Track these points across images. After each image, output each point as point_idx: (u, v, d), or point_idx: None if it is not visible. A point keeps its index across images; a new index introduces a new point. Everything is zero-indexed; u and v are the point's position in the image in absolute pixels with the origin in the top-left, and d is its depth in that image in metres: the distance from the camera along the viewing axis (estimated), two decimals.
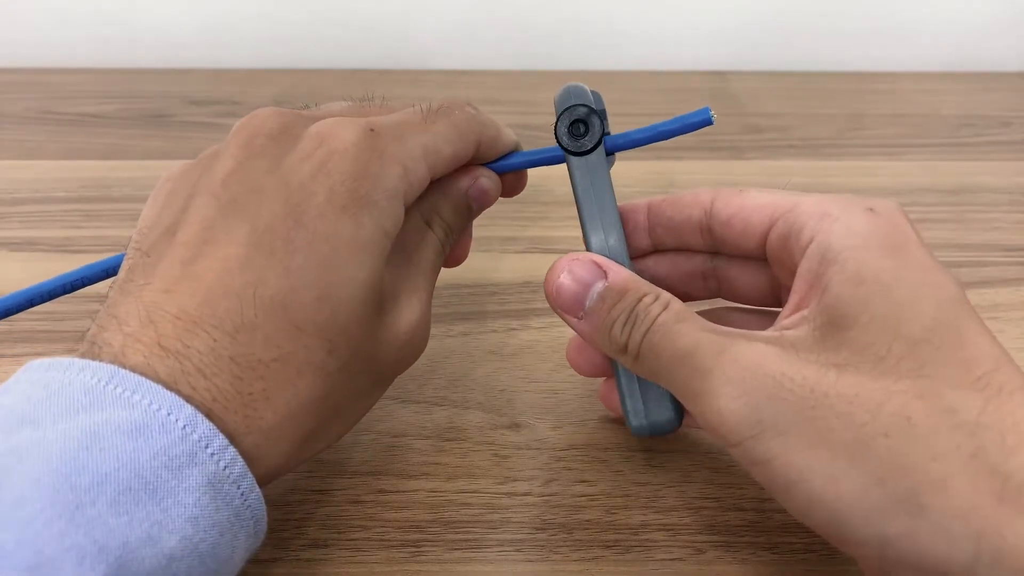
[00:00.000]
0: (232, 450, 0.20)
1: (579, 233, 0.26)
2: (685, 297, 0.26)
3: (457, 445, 0.30)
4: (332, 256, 0.22)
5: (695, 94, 0.58)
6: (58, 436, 0.18)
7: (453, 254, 0.29)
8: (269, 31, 0.62)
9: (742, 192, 0.25)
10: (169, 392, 0.19)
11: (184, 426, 0.19)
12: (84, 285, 0.27)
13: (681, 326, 0.22)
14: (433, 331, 0.35)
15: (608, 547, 0.26)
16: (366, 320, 0.23)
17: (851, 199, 0.22)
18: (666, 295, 0.24)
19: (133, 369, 0.20)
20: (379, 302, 0.23)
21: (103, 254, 0.27)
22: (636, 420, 0.26)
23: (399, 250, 0.25)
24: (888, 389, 0.19)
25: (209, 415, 0.20)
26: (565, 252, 0.26)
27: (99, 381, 0.19)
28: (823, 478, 0.19)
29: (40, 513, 0.17)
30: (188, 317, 0.21)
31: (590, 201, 0.26)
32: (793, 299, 0.22)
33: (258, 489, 0.21)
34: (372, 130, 0.24)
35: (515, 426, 0.30)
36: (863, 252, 0.21)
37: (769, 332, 0.22)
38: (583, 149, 0.26)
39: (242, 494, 0.20)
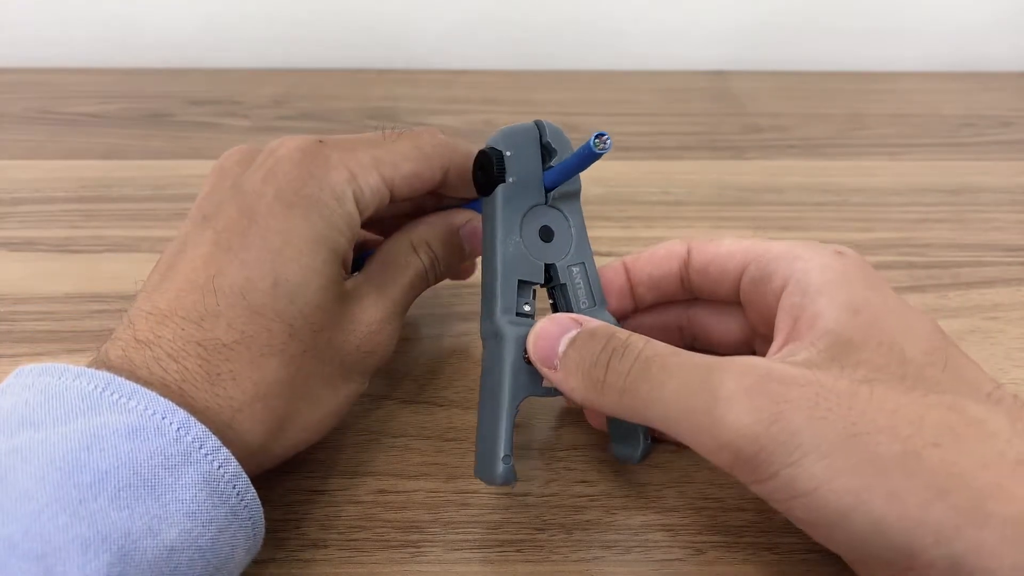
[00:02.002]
0: (225, 451, 0.21)
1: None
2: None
3: (457, 445, 0.30)
4: (284, 247, 0.24)
5: (695, 94, 0.58)
6: (59, 438, 0.19)
7: (458, 276, 0.32)
8: (269, 31, 0.62)
9: (713, 241, 0.26)
10: (163, 398, 0.21)
11: (178, 429, 0.20)
12: None
13: (679, 355, 0.21)
14: (433, 331, 0.35)
15: (608, 547, 0.26)
16: (326, 307, 0.25)
17: (816, 244, 0.24)
18: (643, 337, 0.23)
19: (113, 362, 0.22)
20: (340, 293, 0.25)
21: (103, 254, 0.27)
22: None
23: (380, 262, 0.28)
24: (921, 402, 0.18)
25: (182, 395, 0.22)
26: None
27: (95, 388, 0.21)
28: (885, 499, 0.17)
29: (45, 507, 0.18)
30: (159, 312, 0.23)
31: (484, 242, 0.27)
32: (779, 337, 0.22)
33: (253, 490, 0.22)
34: (320, 141, 0.26)
35: (515, 426, 0.30)
36: (847, 286, 0.22)
37: (773, 358, 0.21)
38: (481, 191, 0.27)
39: (238, 493, 0.21)
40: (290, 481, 0.28)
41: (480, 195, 0.27)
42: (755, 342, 0.27)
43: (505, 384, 0.24)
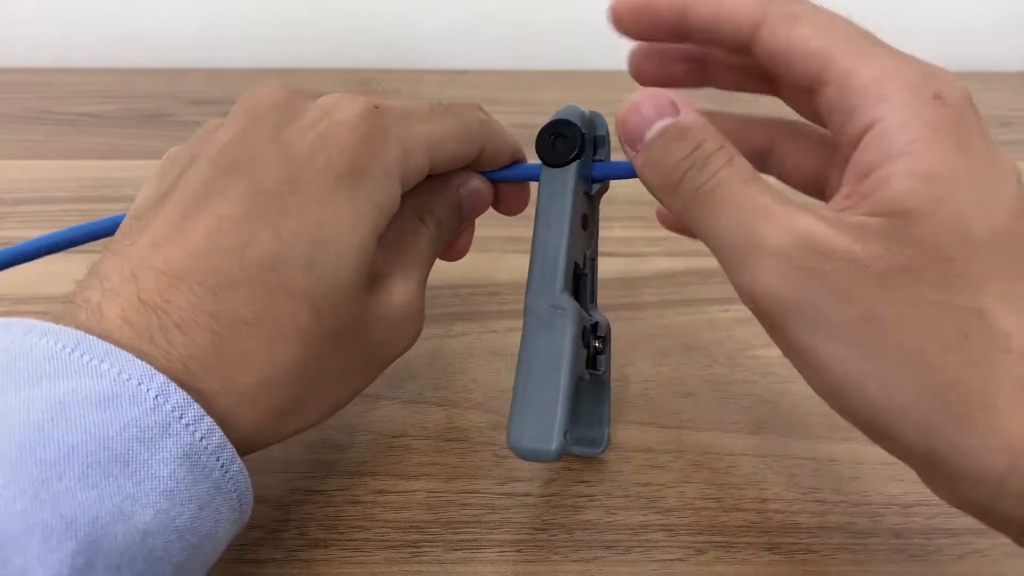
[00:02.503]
0: (209, 420, 0.19)
1: None
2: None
3: (457, 445, 0.29)
4: (324, 223, 0.22)
5: (695, 94, 0.58)
6: (21, 405, 0.17)
7: (453, 248, 0.29)
8: (269, 31, 0.62)
9: (794, 20, 0.21)
10: (139, 361, 0.19)
11: (156, 396, 0.18)
12: (81, 242, 0.27)
13: (746, 188, 0.20)
14: (433, 331, 0.35)
15: (608, 547, 0.26)
16: (355, 291, 0.23)
17: (916, 80, 0.20)
18: (732, 149, 0.21)
19: (109, 323, 0.19)
20: (370, 276, 0.23)
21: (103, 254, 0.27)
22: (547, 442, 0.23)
23: (393, 238, 0.25)
24: (949, 302, 0.18)
25: (184, 372, 0.20)
26: None
27: (64, 347, 0.18)
28: (880, 384, 0.18)
29: (3, 490, 0.16)
30: (172, 272, 0.20)
31: (546, 216, 0.25)
32: (845, 188, 0.20)
33: (239, 460, 0.20)
34: (377, 107, 0.24)
35: None
36: (933, 146, 0.19)
37: (832, 212, 0.20)
38: (554, 161, 0.26)
39: (222, 466, 0.20)
40: (290, 481, 0.28)
41: (548, 164, 0.25)
42: (831, 172, 0.24)
43: (567, 357, 0.23)
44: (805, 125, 0.25)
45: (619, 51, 0.27)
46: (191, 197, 0.22)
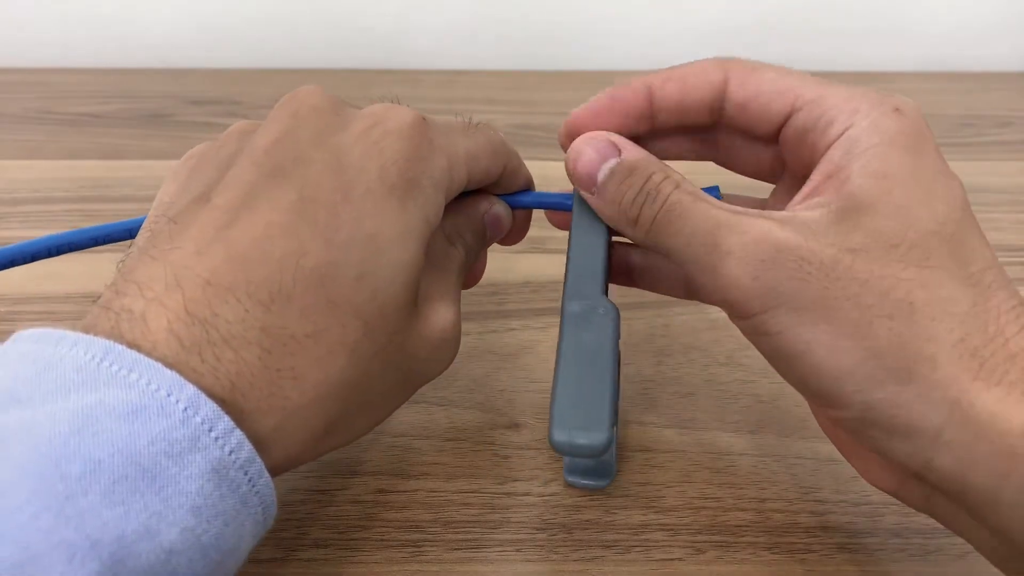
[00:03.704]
0: (239, 433, 0.19)
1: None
2: (675, 159, 0.27)
3: (457, 445, 0.30)
4: (376, 235, 0.22)
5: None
6: (47, 418, 0.17)
7: (470, 274, 0.29)
8: (269, 31, 0.62)
9: (756, 70, 0.24)
10: (169, 371, 0.18)
11: (185, 408, 0.18)
12: (105, 242, 0.27)
13: (698, 205, 0.23)
14: None
15: (608, 547, 0.26)
16: (404, 307, 0.22)
17: (878, 97, 0.23)
18: (676, 174, 0.24)
19: (154, 336, 0.19)
20: (416, 293, 0.23)
21: (103, 254, 0.27)
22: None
23: (429, 259, 0.24)
24: (896, 276, 0.20)
25: (232, 389, 0.19)
26: (564, 252, 0.26)
27: (92, 358, 0.18)
28: (827, 351, 0.20)
29: (26, 504, 0.16)
30: (220, 282, 0.20)
31: (584, 221, 0.26)
32: (808, 186, 0.23)
33: (267, 474, 0.19)
34: (424, 119, 0.24)
35: (515, 426, 0.30)
36: (888, 149, 0.22)
37: (784, 213, 0.22)
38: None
39: (249, 480, 0.19)
40: (290, 481, 0.28)
41: None
42: (784, 177, 0.26)
43: (611, 350, 0.23)
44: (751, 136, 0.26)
45: (619, 51, 0.27)
46: (236, 201, 0.21)
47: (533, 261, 0.40)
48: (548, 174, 0.30)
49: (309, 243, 0.21)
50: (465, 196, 0.27)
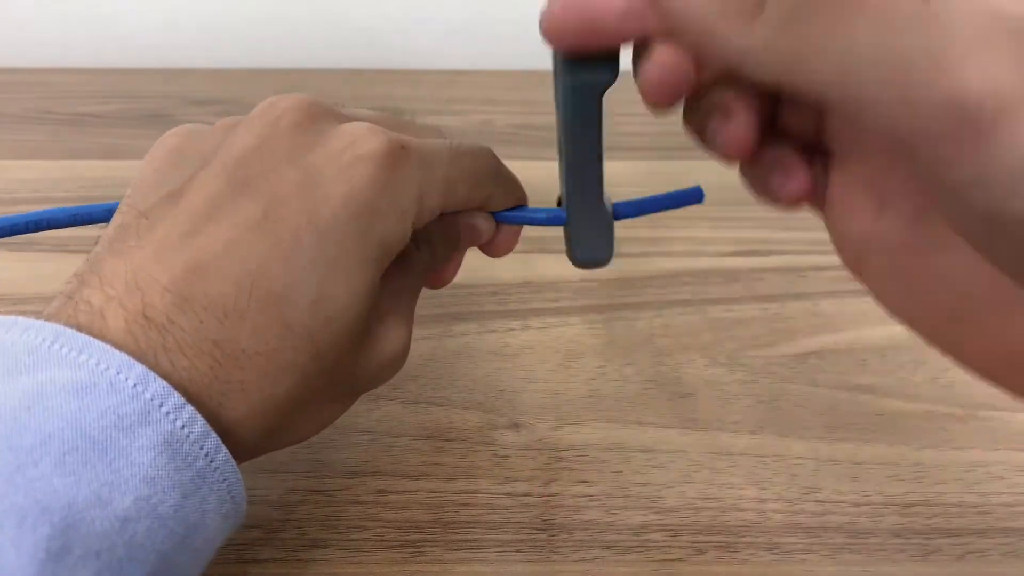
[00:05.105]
0: (190, 408, 0.19)
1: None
2: None
3: (457, 445, 0.30)
4: (336, 262, 0.21)
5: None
6: None
7: (440, 276, 0.28)
8: (269, 31, 0.62)
9: None
10: (118, 351, 0.19)
11: (135, 384, 0.18)
12: (90, 222, 0.27)
13: None
14: (433, 331, 0.35)
15: (608, 547, 0.26)
16: (357, 333, 0.23)
17: None
18: None
19: (112, 333, 0.19)
20: (369, 316, 0.23)
21: None
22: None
23: (388, 269, 0.24)
24: None
25: (184, 395, 0.19)
26: (565, 252, 0.26)
27: (43, 341, 0.18)
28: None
29: None
30: (178, 292, 0.20)
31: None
32: None
33: (225, 450, 0.20)
34: (403, 147, 0.23)
35: (515, 426, 0.30)
36: None
37: None
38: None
39: (206, 454, 0.19)
40: (290, 481, 0.28)
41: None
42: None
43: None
44: None
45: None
46: (202, 209, 0.21)
47: (533, 261, 0.40)
48: (549, 174, 0.30)
49: (268, 263, 0.21)
50: None
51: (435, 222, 0.26)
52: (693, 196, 0.27)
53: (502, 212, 0.27)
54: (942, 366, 0.33)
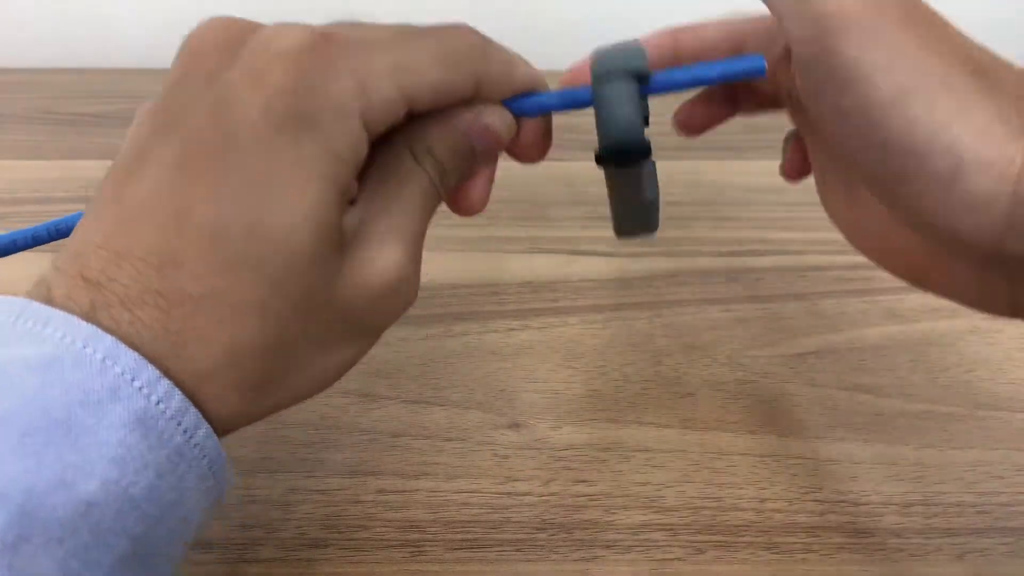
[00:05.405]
0: (166, 382, 0.18)
1: (578, 235, 0.26)
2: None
3: (457, 445, 0.30)
4: (269, 182, 0.19)
5: (695, 94, 0.58)
6: None
7: (465, 199, 0.24)
8: None
9: (702, 26, 0.25)
10: (85, 323, 0.17)
11: (104, 358, 0.17)
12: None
13: None
14: (433, 331, 0.35)
15: (608, 547, 0.26)
16: (319, 258, 0.20)
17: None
18: None
19: (55, 303, 0.18)
20: (336, 239, 0.20)
21: None
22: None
23: (376, 185, 0.22)
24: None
25: (133, 348, 0.18)
26: (565, 252, 0.26)
27: (7, 317, 0.17)
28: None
29: None
30: (112, 247, 0.19)
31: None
32: None
33: (207, 425, 0.19)
34: (324, 36, 0.20)
35: (515, 426, 0.30)
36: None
37: None
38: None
39: (184, 431, 0.18)
40: (290, 481, 0.28)
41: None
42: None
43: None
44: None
45: None
46: (128, 161, 0.20)
47: (533, 261, 0.40)
48: (551, 174, 0.30)
49: (193, 199, 0.19)
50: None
51: (432, 127, 0.22)
52: (753, 67, 0.23)
53: (517, 101, 0.23)
54: (941, 366, 0.33)
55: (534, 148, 0.25)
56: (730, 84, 0.26)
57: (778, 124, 0.28)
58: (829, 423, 0.30)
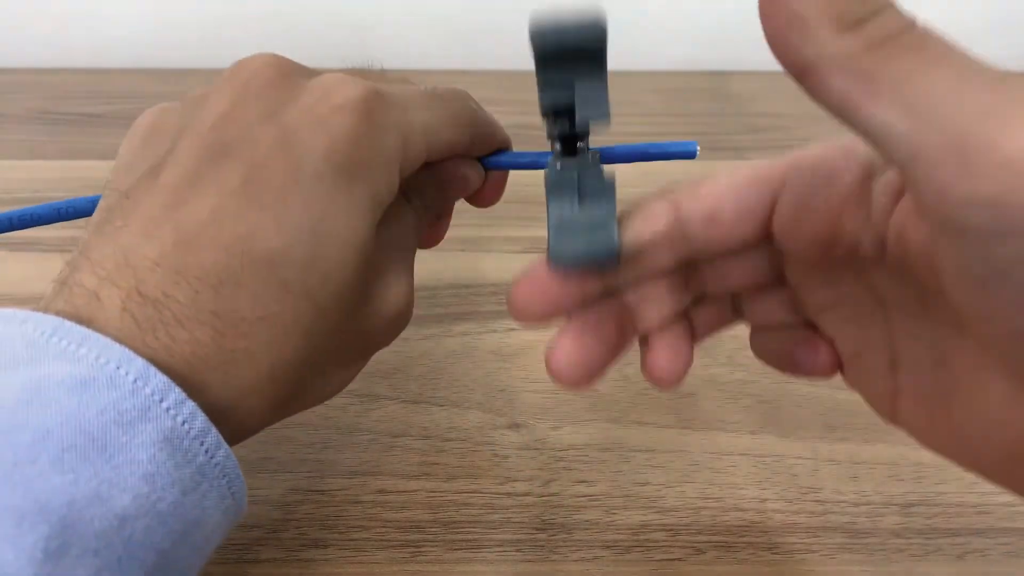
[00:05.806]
0: (191, 404, 0.19)
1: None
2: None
3: (457, 445, 0.30)
4: (325, 217, 0.21)
5: (695, 94, 0.58)
6: None
7: (429, 235, 0.28)
8: (269, 31, 0.62)
9: (705, 182, 0.21)
10: (118, 345, 0.18)
11: (135, 380, 0.18)
12: (75, 216, 0.27)
13: (961, 58, 0.17)
14: (433, 331, 0.35)
15: (608, 547, 0.26)
16: (356, 288, 0.22)
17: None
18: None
19: (108, 312, 0.19)
20: (367, 271, 0.22)
21: None
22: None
23: (382, 225, 0.24)
24: None
25: (187, 367, 0.19)
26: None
27: (42, 334, 0.18)
28: None
29: None
30: (169, 265, 0.20)
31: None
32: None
33: (226, 447, 0.20)
34: (377, 93, 0.23)
35: (515, 426, 0.30)
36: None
37: None
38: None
39: (206, 450, 0.19)
40: (290, 481, 0.28)
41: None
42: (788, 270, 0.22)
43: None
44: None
45: (619, 51, 0.27)
46: (183, 181, 0.21)
47: (533, 261, 0.40)
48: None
49: (257, 228, 0.20)
50: None
51: (423, 172, 0.25)
52: (685, 150, 0.26)
53: (487, 157, 0.27)
54: None
55: (493, 195, 0.28)
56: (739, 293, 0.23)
57: (778, 124, 0.28)
58: (829, 423, 0.30)
